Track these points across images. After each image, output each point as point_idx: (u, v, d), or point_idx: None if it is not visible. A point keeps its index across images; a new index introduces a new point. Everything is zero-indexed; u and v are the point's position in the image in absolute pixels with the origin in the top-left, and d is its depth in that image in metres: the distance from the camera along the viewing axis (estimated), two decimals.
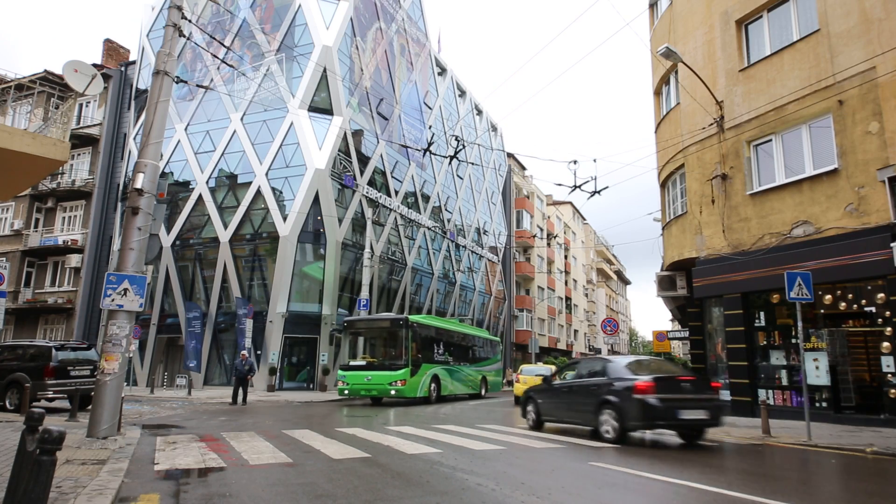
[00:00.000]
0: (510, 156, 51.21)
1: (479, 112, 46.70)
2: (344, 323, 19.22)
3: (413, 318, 18.47)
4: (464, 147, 17.98)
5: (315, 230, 25.83)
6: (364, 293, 23.92)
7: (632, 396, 8.63)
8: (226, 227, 26.50)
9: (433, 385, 18.85)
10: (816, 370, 12.34)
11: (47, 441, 3.04)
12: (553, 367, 22.92)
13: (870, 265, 11.00)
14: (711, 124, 14.60)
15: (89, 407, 9.65)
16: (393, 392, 17.22)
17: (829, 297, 12.37)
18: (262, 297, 25.44)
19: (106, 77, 31.00)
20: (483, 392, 23.60)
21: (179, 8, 9.65)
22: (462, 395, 22.02)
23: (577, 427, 10.80)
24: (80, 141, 31.05)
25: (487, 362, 25.31)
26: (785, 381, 13.08)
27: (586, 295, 69.88)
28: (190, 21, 10.16)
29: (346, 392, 17.88)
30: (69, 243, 29.83)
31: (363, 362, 18.24)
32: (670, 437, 10.05)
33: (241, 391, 17.43)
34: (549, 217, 58.89)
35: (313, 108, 26.52)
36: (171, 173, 28.74)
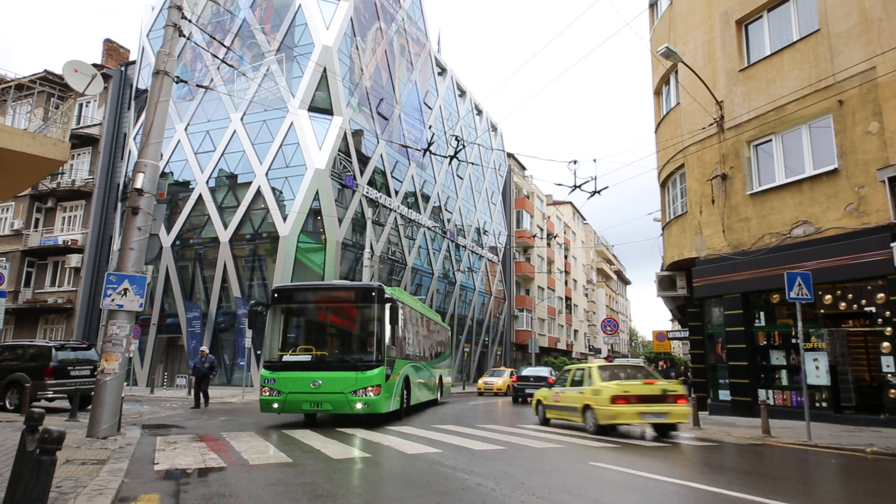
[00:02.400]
0: (510, 156, 51.21)
1: (479, 112, 46.70)
2: (274, 293, 11.60)
3: (390, 290, 12.17)
4: (464, 147, 17.81)
5: (315, 231, 25.84)
6: None
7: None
8: (226, 227, 26.50)
9: (404, 392, 12.74)
10: (816, 370, 12.34)
11: (47, 441, 3.04)
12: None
13: (870, 265, 11.00)
14: (711, 124, 14.60)
15: (89, 407, 9.65)
16: (360, 406, 10.34)
17: (829, 297, 12.37)
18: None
19: (106, 77, 30.99)
20: (439, 397, 18.41)
21: (179, 8, 9.65)
22: (424, 402, 16.06)
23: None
24: (80, 141, 31.05)
25: (443, 357, 19.56)
26: (785, 381, 13.08)
27: (586, 295, 69.88)
28: (190, 21, 10.16)
29: (276, 406, 10.54)
30: (69, 243, 29.83)
31: (306, 356, 10.94)
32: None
33: (204, 391, 15.88)
34: (549, 217, 58.89)
35: (313, 108, 26.52)
36: (171, 173, 28.74)
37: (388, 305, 11.10)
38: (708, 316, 15.70)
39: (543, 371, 22.44)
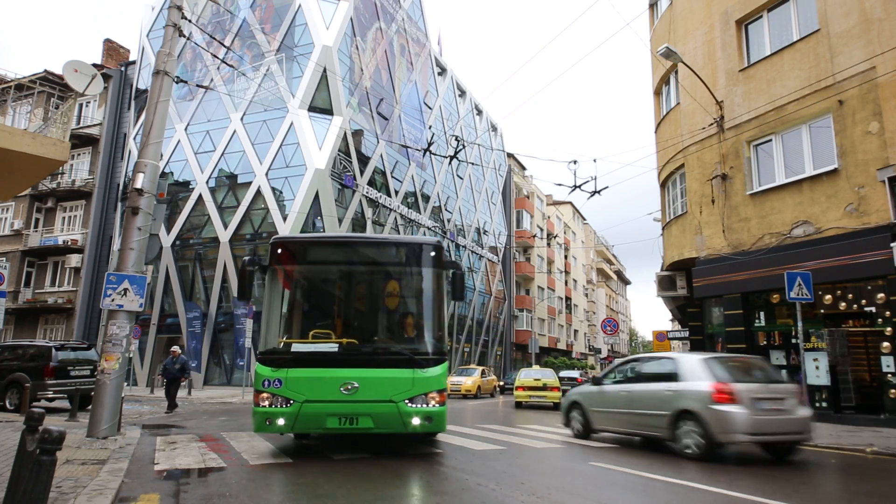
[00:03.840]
0: (510, 156, 51.20)
1: (479, 112, 46.70)
2: (275, 249, 7.58)
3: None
4: (464, 147, 17.77)
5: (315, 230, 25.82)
6: None
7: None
8: (226, 227, 26.50)
9: None
10: (816, 370, 12.34)
11: (47, 441, 3.04)
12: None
13: (870, 265, 11.00)
14: (711, 124, 14.60)
15: (89, 407, 9.65)
16: (418, 422, 6.88)
17: (829, 297, 12.37)
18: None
19: (106, 77, 30.99)
20: None
21: (179, 8, 9.65)
22: None
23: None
24: (80, 141, 31.04)
25: None
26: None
27: (586, 295, 69.88)
28: (190, 21, 10.16)
29: (283, 422, 6.82)
30: (69, 243, 29.82)
31: (331, 345, 7.16)
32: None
33: (174, 395, 14.50)
34: (549, 217, 58.88)
35: (313, 108, 26.52)
36: (171, 173, 28.74)
37: (451, 272, 7.55)
38: (708, 316, 15.70)
39: (572, 373, 21.90)
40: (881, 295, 11.34)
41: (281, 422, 6.72)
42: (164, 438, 8.66)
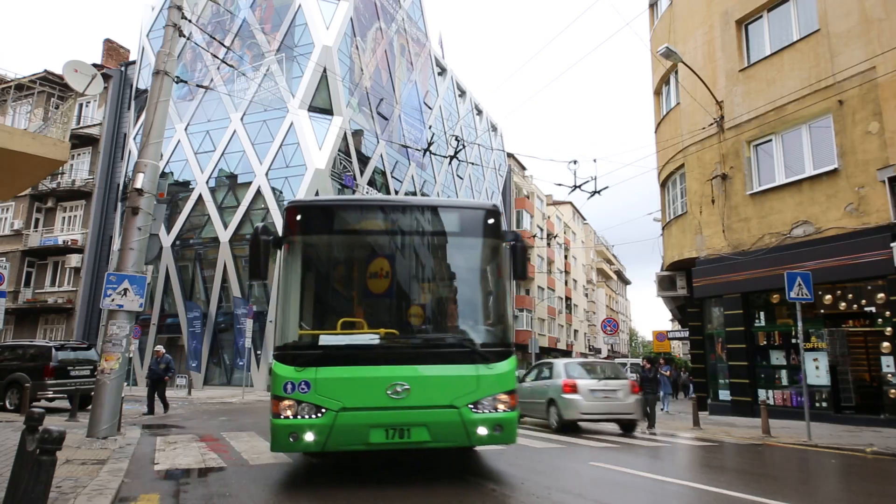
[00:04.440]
0: (510, 156, 51.20)
1: (479, 112, 46.70)
2: (293, 215, 5.87)
3: None
4: (464, 147, 17.73)
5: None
6: None
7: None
8: (226, 227, 26.51)
9: None
10: (816, 370, 12.34)
11: (47, 441, 3.04)
12: None
13: (870, 265, 11.00)
14: (711, 124, 14.60)
15: (89, 407, 9.65)
16: (485, 432, 5.42)
17: (829, 297, 12.37)
18: (262, 297, 25.43)
19: (106, 77, 30.98)
20: None
21: (179, 8, 9.65)
22: None
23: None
24: (80, 141, 31.03)
25: None
26: (785, 381, 13.08)
27: (586, 295, 69.87)
28: (190, 21, 10.16)
29: (314, 437, 5.14)
30: (69, 243, 29.82)
31: (369, 336, 5.57)
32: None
33: (161, 396, 13.65)
34: (549, 217, 58.87)
35: (313, 108, 26.52)
36: (171, 173, 28.74)
37: (512, 244, 6.05)
38: (708, 316, 15.70)
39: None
40: (881, 295, 11.34)
41: (310, 437, 5.06)
42: (164, 438, 8.66)
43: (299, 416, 5.12)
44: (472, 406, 5.33)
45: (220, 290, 26.28)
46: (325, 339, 5.46)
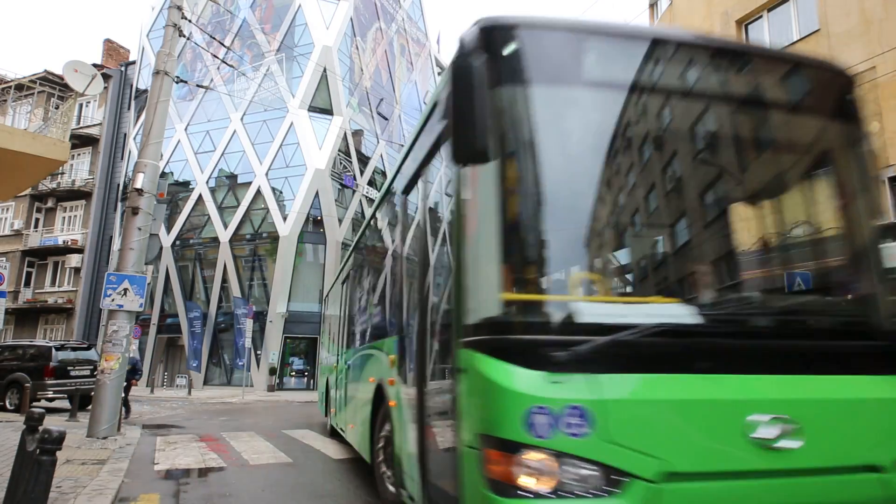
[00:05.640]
0: None
1: None
2: (491, 34, 2.55)
3: None
4: None
5: (315, 230, 25.83)
6: None
7: None
8: (226, 227, 26.51)
9: None
10: None
11: (47, 441, 3.04)
12: None
13: None
14: None
15: (89, 407, 9.66)
16: None
17: None
18: (262, 297, 25.44)
19: (106, 77, 30.98)
20: None
21: (179, 8, 9.65)
22: None
23: None
24: (80, 141, 31.04)
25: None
26: None
27: None
28: (190, 21, 10.17)
29: None
30: (69, 243, 29.83)
31: (698, 310, 2.47)
32: None
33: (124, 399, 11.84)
34: None
35: (313, 108, 26.54)
36: (171, 173, 28.74)
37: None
38: None
39: None
40: None
41: None
42: (164, 438, 8.66)
43: (566, 495, 2.16)
44: None
45: (220, 290, 26.29)
46: (607, 312, 2.49)
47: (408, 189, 4.00)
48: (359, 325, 6.28)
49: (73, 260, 29.88)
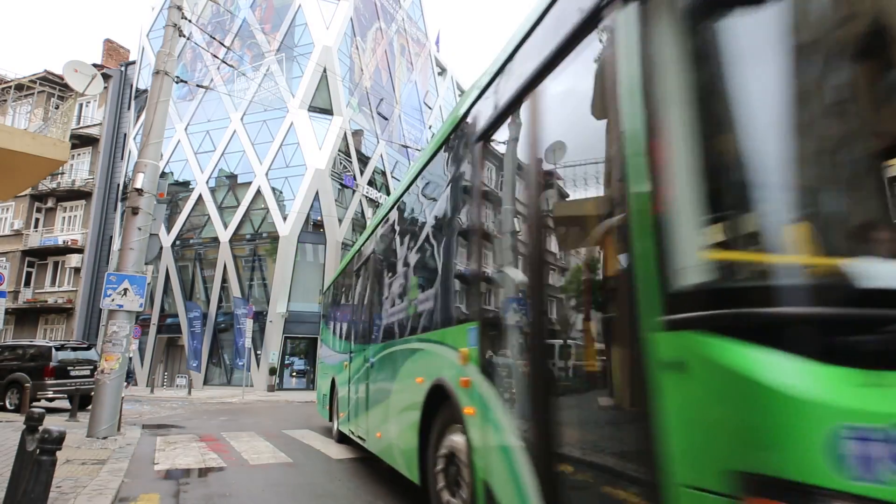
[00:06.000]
0: None
1: None
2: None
3: None
4: None
5: (315, 230, 25.84)
6: None
7: None
8: (226, 227, 26.52)
9: None
10: None
11: (47, 441, 3.04)
12: None
13: None
14: None
15: (89, 407, 9.66)
16: None
17: None
18: (262, 297, 25.44)
19: (106, 77, 30.99)
20: None
21: (179, 8, 9.65)
22: None
23: None
24: (80, 141, 31.04)
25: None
26: None
27: None
28: (190, 21, 10.17)
29: None
30: (69, 243, 29.84)
31: None
32: None
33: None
34: None
35: (313, 108, 26.54)
36: (171, 173, 28.75)
37: None
38: None
39: None
40: None
41: None
42: (164, 438, 8.66)
43: None
44: None
45: (220, 290, 26.29)
46: None
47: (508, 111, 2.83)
48: (388, 314, 5.33)
49: (73, 260, 29.89)
